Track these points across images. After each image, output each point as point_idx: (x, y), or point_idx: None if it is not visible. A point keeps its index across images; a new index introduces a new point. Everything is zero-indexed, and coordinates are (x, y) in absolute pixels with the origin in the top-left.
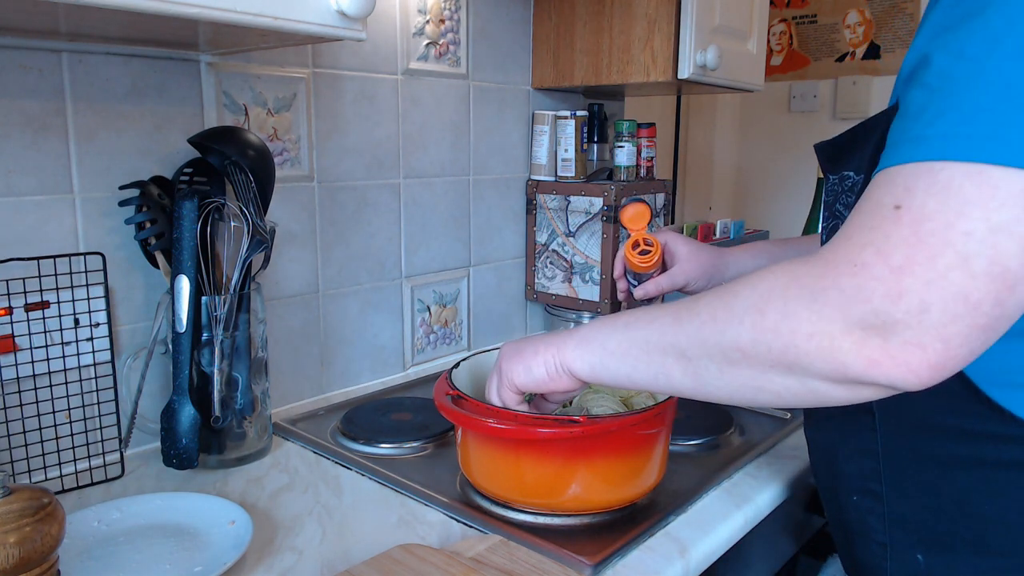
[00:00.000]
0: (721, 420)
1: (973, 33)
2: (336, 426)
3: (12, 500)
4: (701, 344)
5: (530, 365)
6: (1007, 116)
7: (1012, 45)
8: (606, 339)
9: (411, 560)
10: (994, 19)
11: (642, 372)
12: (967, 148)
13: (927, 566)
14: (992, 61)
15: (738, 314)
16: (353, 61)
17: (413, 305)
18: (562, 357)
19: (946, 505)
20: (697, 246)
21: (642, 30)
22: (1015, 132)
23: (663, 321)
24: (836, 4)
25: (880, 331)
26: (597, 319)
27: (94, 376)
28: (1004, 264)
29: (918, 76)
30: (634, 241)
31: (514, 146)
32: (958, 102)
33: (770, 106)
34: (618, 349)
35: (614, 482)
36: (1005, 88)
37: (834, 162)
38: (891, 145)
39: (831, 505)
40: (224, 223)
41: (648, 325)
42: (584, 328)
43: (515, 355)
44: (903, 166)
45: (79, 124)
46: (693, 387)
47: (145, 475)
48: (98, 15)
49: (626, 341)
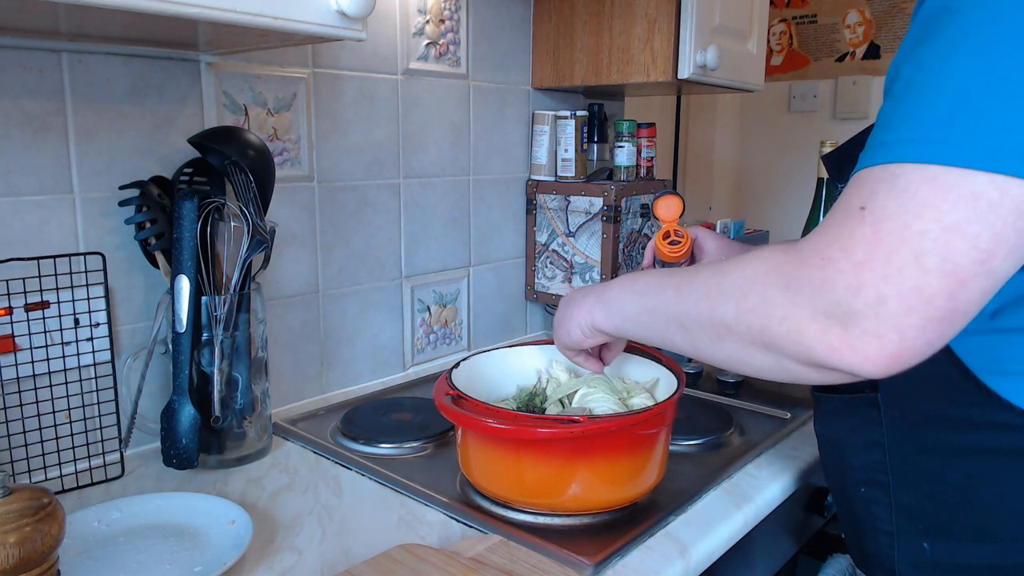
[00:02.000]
0: (721, 420)
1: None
2: (336, 426)
3: (12, 500)
4: (696, 318)
5: (569, 329)
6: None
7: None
8: (624, 304)
9: (411, 560)
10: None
11: (652, 336)
12: (922, 152)
13: (933, 553)
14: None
15: (726, 294)
16: (353, 61)
17: (413, 305)
18: (592, 319)
19: (949, 493)
20: (726, 242)
21: (642, 30)
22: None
23: (668, 294)
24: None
25: (841, 321)
26: (621, 278)
27: (94, 376)
28: (955, 261)
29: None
30: (665, 232)
31: (514, 146)
32: (916, 110)
33: (770, 106)
34: (633, 314)
35: (614, 482)
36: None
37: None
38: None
39: (839, 498)
40: (224, 223)
41: (657, 295)
42: (609, 289)
43: (560, 321)
44: (870, 169)
45: (79, 124)
46: (693, 352)
47: (145, 475)
48: (98, 15)
49: (639, 308)
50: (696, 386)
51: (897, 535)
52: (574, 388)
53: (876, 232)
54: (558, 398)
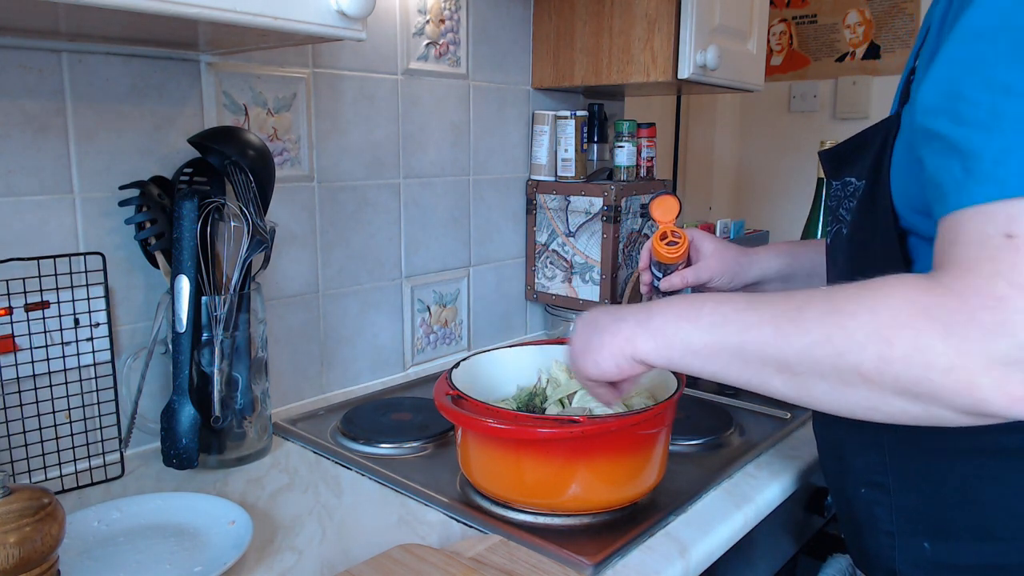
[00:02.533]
0: (721, 420)
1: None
2: (336, 426)
3: (12, 500)
4: (812, 364)
5: (597, 360)
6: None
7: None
8: (688, 337)
9: (411, 560)
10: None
11: (734, 376)
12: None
13: (933, 553)
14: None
15: (859, 340)
16: (353, 61)
17: (413, 305)
18: (634, 350)
19: (949, 494)
20: (723, 244)
21: (642, 30)
22: None
23: (762, 330)
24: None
25: (1023, 366)
26: (666, 304)
27: (94, 376)
28: None
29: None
30: (662, 233)
31: (514, 146)
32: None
33: (770, 106)
34: (704, 351)
35: (614, 482)
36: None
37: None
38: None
39: (840, 498)
40: (224, 223)
41: (743, 332)
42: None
43: (585, 346)
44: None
45: (79, 124)
46: (795, 397)
47: (145, 475)
48: (98, 15)
49: (716, 344)
50: (696, 386)
51: (897, 535)
52: (574, 388)
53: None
54: (558, 398)
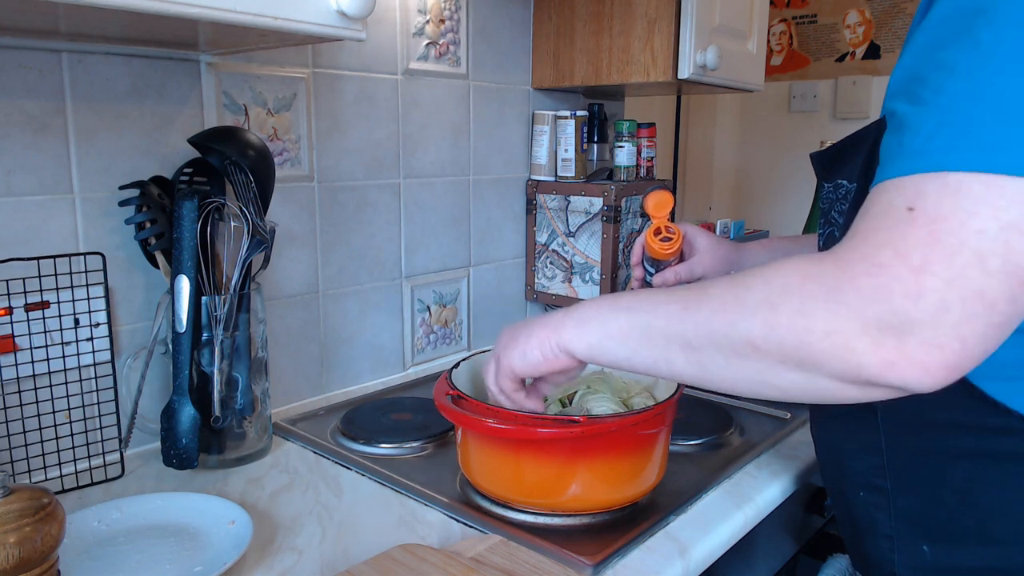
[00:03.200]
0: (721, 420)
1: (964, 50)
2: (336, 426)
3: (12, 500)
4: (709, 335)
5: (525, 350)
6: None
7: (1001, 61)
8: (606, 320)
9: (411, 560)
10: (984, 36)
11: (643, 357)
12: (967, 159)
13: (933, 557)
14: (983, 76)
15: (750, 307)
16: (353, 61)
17: (413, 305)
18: (559, 338)
19: (948, 497)
20: (716, 240)
21: (642, 30)
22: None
23: (669, 308)
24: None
25: (898, 331)
26: (594, 298)
27: (94, 376)
28: (1016, 261)
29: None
30: (656, 228)
31: (514, 146)
32: (953, 116)
33: (770, 106)
34: (619, 332)
35: (614, 482)
36: (998, 101)
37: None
38: (889, 158)
39: (839, 502)
40: (224, 223)
41: (653, 310)
42: (581, 308)
43: (510, 341)
44: (908, 177)
45: (79, 124)
46: (696, 375)
47: (145, 475)
48: (98, 15)
49: (628, 325)
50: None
51: (897, 539)
52: (574, 388)
53: (932, 233)
54: (558, 398)
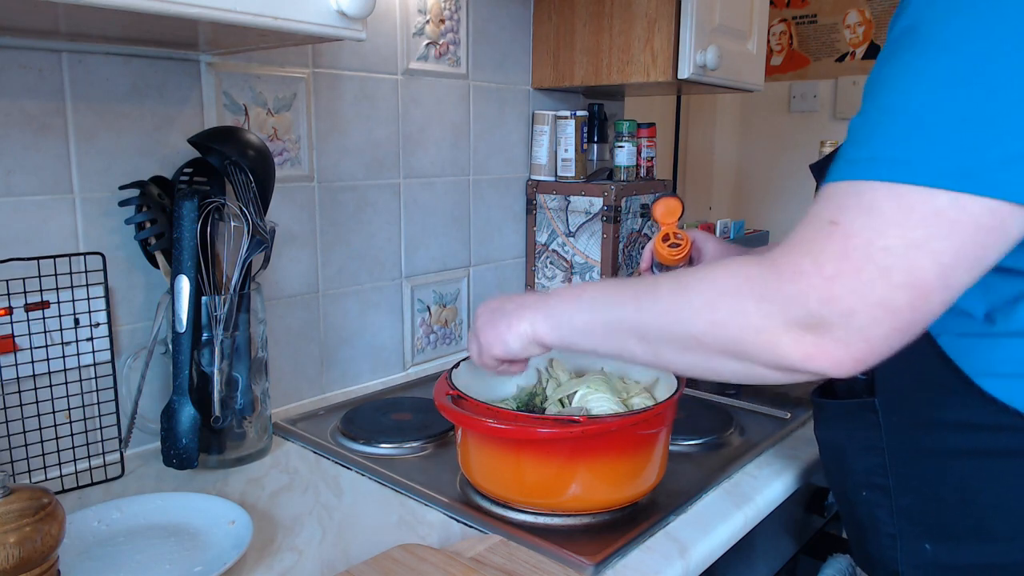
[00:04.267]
0: (721, 420)
1: (897, 66)
2: (336, 426)
3: (12, 500)
4: (659, 330)
5: (506, 340)
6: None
7: (930, 78)
8: (572, 316)
9: (411, 560)
10: (912, 56)
11: (607, 348)
12: (888, 170)
13: (934, 554)
14: (914, 91)
15: (695, 308)
16: (353, 61)
17: (413, 305)
18: (534, 332)
19: (949, 495)
20: (724, 246)
21: (642, 30)
22: (926, 155)
23: (626, 307)
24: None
25: (814, 330)
26: (562, 289)
27: (94, 376)
28: (920, 277)
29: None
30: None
31: (514, 146)
32: (880, 128)
33: (770, 106)
34: (584, 327)
35: (614, 482)
36: (917, 116)
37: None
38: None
39: (842, 501)
40: (224, 223)
41: (611, 308)
42: (552, 300)
43: (491, 328)
44: (839, 183)
45: (79, 124)
46: (653, 363)
47: (145, 475)
48: (98, 15)
49: (591, 320)
50: (696, 386)
51: (899, 537)
52: (574, 388)
53: (844, 248)
54: (558, 398)
